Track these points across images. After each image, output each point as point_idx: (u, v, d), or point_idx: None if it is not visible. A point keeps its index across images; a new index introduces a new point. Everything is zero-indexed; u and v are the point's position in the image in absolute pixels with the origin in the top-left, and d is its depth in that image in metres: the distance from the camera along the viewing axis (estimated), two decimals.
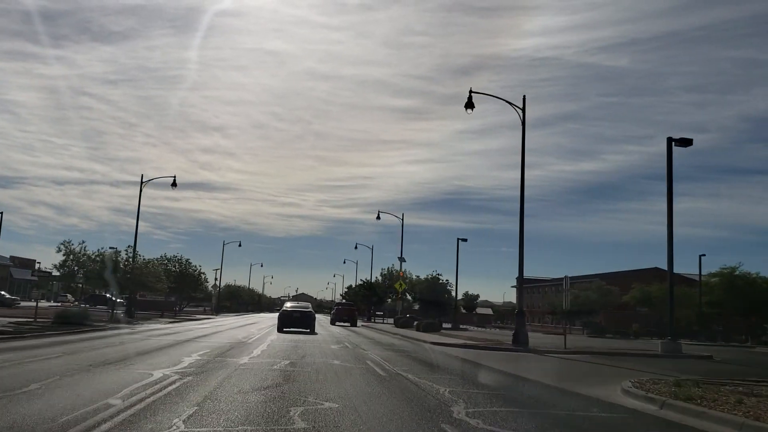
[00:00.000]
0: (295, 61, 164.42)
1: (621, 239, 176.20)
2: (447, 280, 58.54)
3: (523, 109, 25.05)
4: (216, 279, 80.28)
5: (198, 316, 56.11)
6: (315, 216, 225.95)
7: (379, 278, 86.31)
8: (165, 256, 51.74)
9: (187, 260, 52.87)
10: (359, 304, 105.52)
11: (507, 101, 25.09)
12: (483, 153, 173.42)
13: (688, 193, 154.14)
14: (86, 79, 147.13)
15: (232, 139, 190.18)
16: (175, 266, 51.47)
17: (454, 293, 58.91)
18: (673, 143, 23.94)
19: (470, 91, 24.56)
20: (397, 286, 50.88)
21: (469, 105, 24.61)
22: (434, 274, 58.62)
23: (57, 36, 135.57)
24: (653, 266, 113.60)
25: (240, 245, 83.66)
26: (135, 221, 39.01)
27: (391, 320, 77.04)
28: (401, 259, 51.46)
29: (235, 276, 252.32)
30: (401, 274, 50.70)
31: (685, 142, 23.88)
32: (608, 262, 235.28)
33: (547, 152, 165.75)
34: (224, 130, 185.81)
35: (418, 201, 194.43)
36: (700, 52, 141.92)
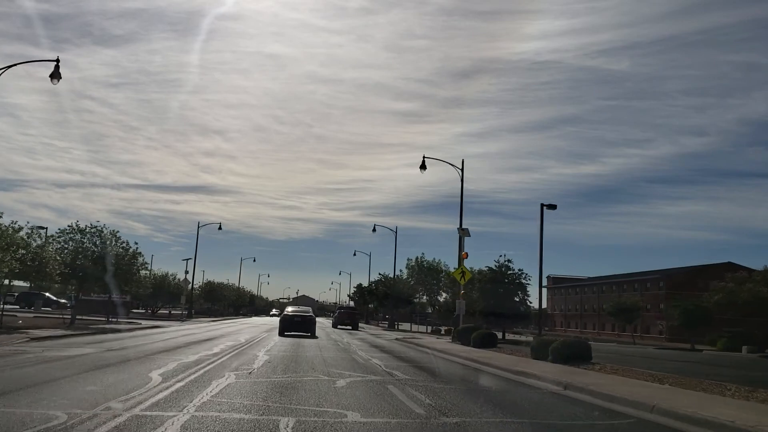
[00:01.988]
0: (295, 65, 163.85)
1: (622, 242, 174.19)
2: (520, 271, 38.42)
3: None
4: (186, 272, 60.59)
5: (143, 324, 36.27)
6: (316, 219, 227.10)
7: (403, 272, 66.12)
8: (76, 226, 31.75)
9: (114, 233, 32.74)
10: (371, 305, 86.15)
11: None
12: (483, 156, 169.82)
13: (689, 196, 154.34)
14: (88, 83, 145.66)
15: (233, 143, 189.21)
16: (93, 243, 31.61)
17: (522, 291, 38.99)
18: None
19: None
20: (456, 275, 30.84)
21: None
22: (502, 260, 38.52)
23: (58, 39, 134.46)
24: (726, 261, 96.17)
25: (220, 228, 63.79)
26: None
27: (423, 328, 57.09)
28: (463, 231, 31.46)
29: (228, 276, 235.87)
30: (465, 257, 30.69)
31: None
32: (612, 265, 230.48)
33: (547, 155, 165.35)
34: (225, 133, 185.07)
35: (418, 204, 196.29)
36: (700, 55, 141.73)
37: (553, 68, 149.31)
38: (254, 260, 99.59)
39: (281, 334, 29.72)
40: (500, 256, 39.58)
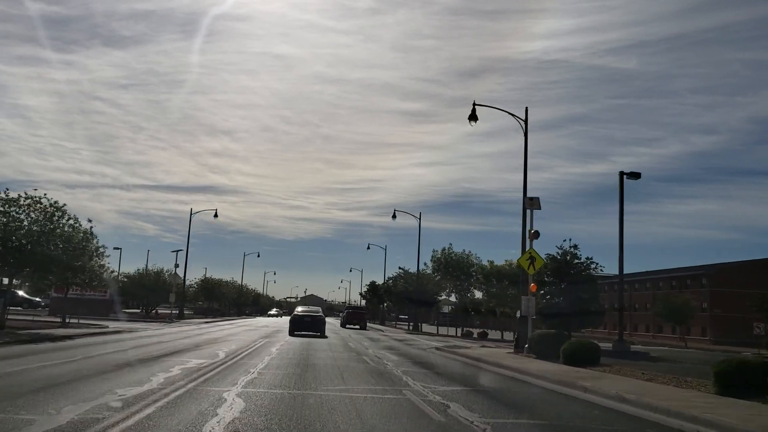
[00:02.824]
0: (303, 65, 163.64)
1: (631, 242, 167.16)
2: (590, 260, 29.85)
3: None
4: (177, 265, 52.52)
5: (109, 327, 28.22)
6: (323, 219, 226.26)
7: (428, 266, 57.46)
8: (5, 194, 23.14)
9: (59, 207, 23.96)
10: (385, 304, 77.90)
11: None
12: (490, 155, 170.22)
13: (698, 195, 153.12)
14: (97, 84, 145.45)
15: (241, 143, 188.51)
16: (32, 219, 23.21)
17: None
18: None
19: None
20: (523, 262, 22.26)
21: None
22: (567, 247, 29.89)
23: (68, 41, 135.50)
24: None
25: (216, 216, 55.57)
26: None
27: (448, 330, 48.45)
28: (531, 202, 22.98)
29: (234, 276, 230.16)
30: (535, 236, 22.03)
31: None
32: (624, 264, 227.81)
33: (555, 154, 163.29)
34: (233, 133, 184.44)
35: (425, 203, 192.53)
36: (709, 53, 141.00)
37: (561, 67, 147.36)
38: (258, 255, 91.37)
39: (291, 333, 30.04)
40: (564, 241, 31.03)
